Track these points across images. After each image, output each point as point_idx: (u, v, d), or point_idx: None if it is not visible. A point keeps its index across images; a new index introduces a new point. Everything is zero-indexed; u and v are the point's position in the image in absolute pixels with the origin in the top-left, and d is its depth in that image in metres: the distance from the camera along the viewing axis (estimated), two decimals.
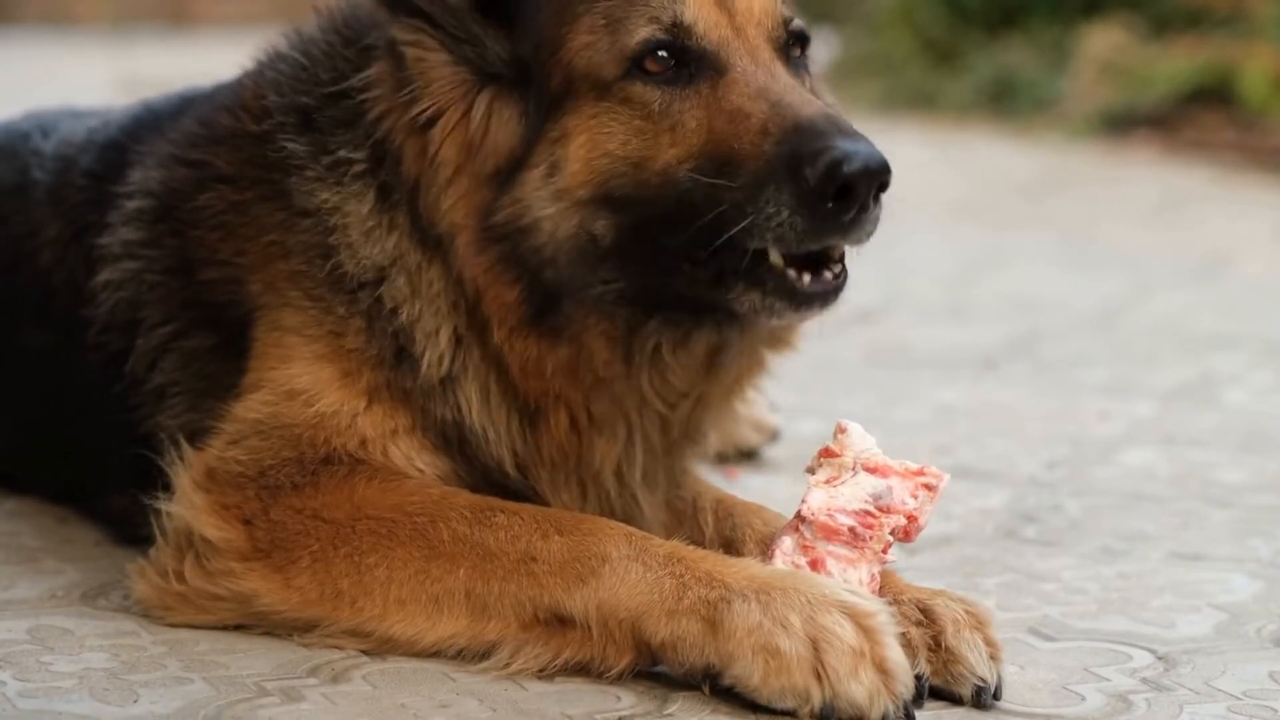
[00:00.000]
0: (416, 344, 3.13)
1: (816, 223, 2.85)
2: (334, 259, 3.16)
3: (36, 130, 3.88)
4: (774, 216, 2.86)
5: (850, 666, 2.72)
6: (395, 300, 3.14)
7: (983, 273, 7.71)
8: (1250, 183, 10.39)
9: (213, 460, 3.13)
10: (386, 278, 3.14)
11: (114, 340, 3.40)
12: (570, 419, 3.12)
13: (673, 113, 2.98)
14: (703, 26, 3.00)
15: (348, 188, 3.17)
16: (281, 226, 3.22)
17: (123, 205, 3.44)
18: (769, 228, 2.86)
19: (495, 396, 3.13)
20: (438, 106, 3.06)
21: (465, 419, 3.14)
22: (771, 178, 2.85)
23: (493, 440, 3.15)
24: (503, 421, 3.14)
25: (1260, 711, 2.93)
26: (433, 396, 3.14)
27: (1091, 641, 3.22)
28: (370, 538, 3.00)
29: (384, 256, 3.14)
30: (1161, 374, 5.69)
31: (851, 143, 2.85)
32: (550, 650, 2.90)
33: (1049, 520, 4.04)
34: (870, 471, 2.98)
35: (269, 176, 3.25)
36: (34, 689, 2.84)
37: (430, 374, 3.13)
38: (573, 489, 3.18)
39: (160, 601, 3.11)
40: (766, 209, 2.86)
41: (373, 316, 3.15)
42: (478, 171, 3.04)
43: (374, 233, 3.15)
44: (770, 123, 2.90)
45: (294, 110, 3.26)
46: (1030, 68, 12.87)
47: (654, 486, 3.25)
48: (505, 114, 3.05)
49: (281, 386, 3.16)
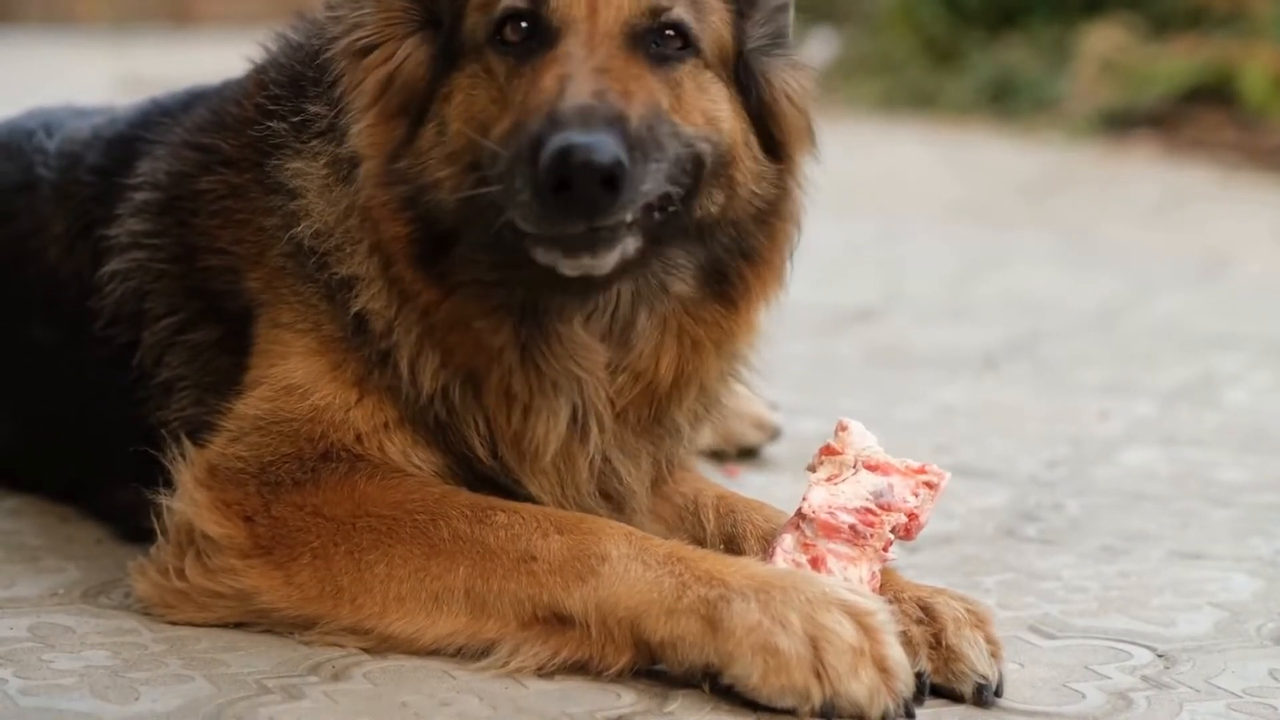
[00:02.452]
0: (357, 296, 3.15)
1: (549, 209, 2.85)
2: (291, 230, 3.19)
3: (41, 128, 3.89)
4: (518, 194, 2.87)
5: (850, 665, 2.72)
6: (338, 260, 3.17)
7: (983, 273, 7.71)
8: (1250, 183, 10.39)
9: (214, 457, 3.14)
10: (332, 238, 3.17)
11: (121, 333, 3.42)
12: (496, 395, 3.13)
13: (511, 84, 3.01)
14: (556, 2, 3.01)
15: (310, 145, 3.23)
16: (265, 210, 3.26)
17: (130, 197, 3.46)
18: (515, 204, 2.88)
19: (418, 341, 3.13)
20: (376, 36, 3.13)
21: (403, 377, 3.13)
22: (520, 158, 2.87)
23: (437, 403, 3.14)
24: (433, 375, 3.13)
25: (1260, 709, 2.93)
26: (386, 364, 3.15)
27: (1092, 639, 3.23)
28: (370, 535, 3.00)
29: (333, 213, 3.17)
30: (1161, 374, 5.70)
31: (583, 136, 2.82)
32: (549, 649, 2.90)
33: (1049, 519, 4.04)
34: (871, 469, 2.98)
35: (259, 159, 3.30)
36: (35, 687, 2.84)
37: (375, 328, 3.13)
38: (546, 474, 3.18)
39: (161, 599, 3.11)
40: (515, 185, 2.87)
41: (332, 294, 3.17)
42: (385, 107, 3.11)
43: (328, 186, 3.20)
44: (544, 105, 2.90)
45: (288, 83, 3.32)
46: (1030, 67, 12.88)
47: (637, 465, 3.23)
48: (421, 58, 3.11)
49: (280, 382, 3.17)
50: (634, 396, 3.19)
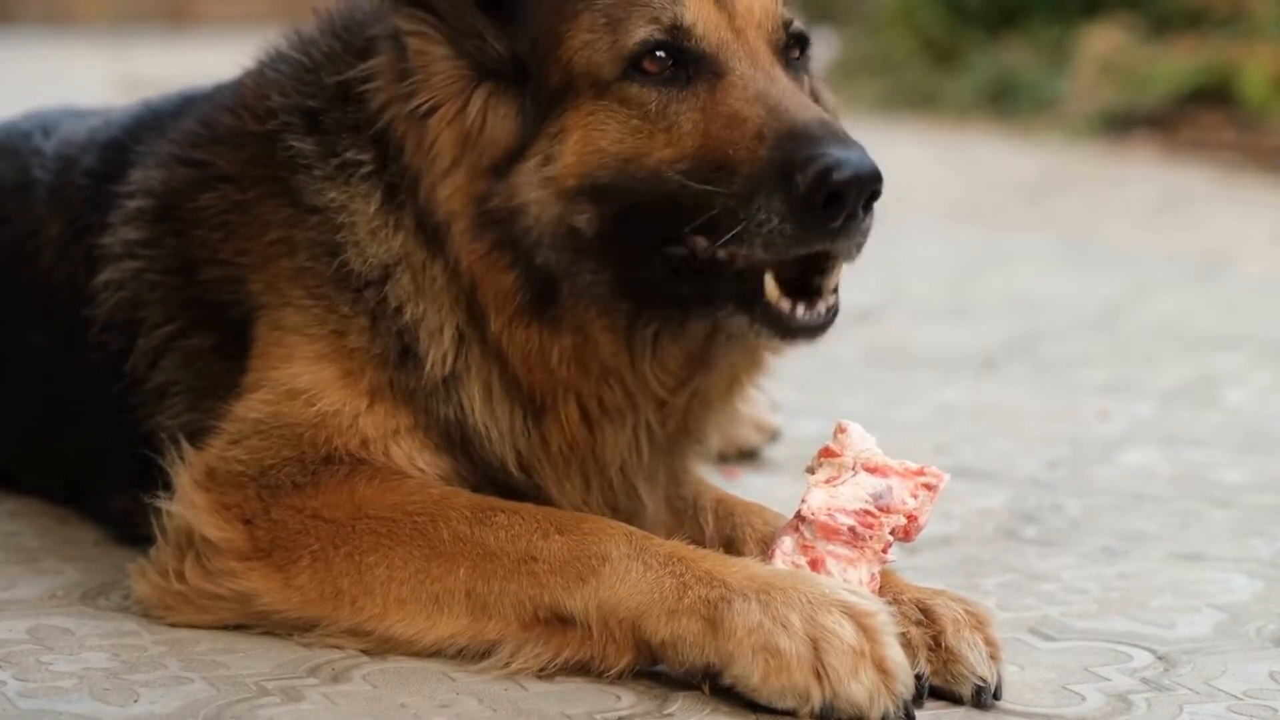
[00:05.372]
0: (420, 343, 3.13)
1: (805, 230, 2.85)
2: (341, 257, 3.16)
3: (38, 129, 3.88)
4: (765, 223, 2.86)
5: (850, 666, 2.72)
6: (400, 299, 3.14)
7: (983, 273, 7.71)
8: (1250, 183, 10.39)
9: (213, 460, 3.13)
10: (391, 276, 3.14)
11: (114, 340, 3.41)
12: (581, 410, 3.12)
13: (669, 114, 2.98)
14: (702, 28, 3.00)
15: (355, 188, 3.18)
16: (287, 223, 3.22)
17: (124, 205, 3.44)
18: (759, 234, 2.86)
19: (498, 394, 3.13)
20: (436, 99, 3.08)
21: (468, 418, 3.14)
22: (764, 183, 2.86)
23: (495, 439, 3.15)
24: (505, 419, 3.14)
25: (1260, 711, 2.93)
26: (436, 396, 3.14)
27: (1091, 641, 3.22)
28: (370, 537, 3.00)
29: (389, 255, 3.15)
30: (1161, 374, 5.69)
31: (844, 150, 2.84)
32: (550, 650, 2.90)
33: (1049, 520, 4.04)
34: (870, 471, 2.98)
35: (274, 175, 3.25)
36: (34, 689, 2.84)
37: (434, 373, 3.13)
38: (577, 484, 3.18)
39: (160, 601, 3.11)
40: (758, 215, 2.86)
41: (377, 315, 3.15)
42: (474, 164, 3.06)
43: (380, 231, 3.16)
44: (765, 128, 2.90)
45: (299, 111, 3.26)
46: (1030, 68, 12.88)
47: (655, 483, 3.26)
48: (502, 109, 3.06)
49: (282, 386, 3.16)
50: (685, 411, 3.20)
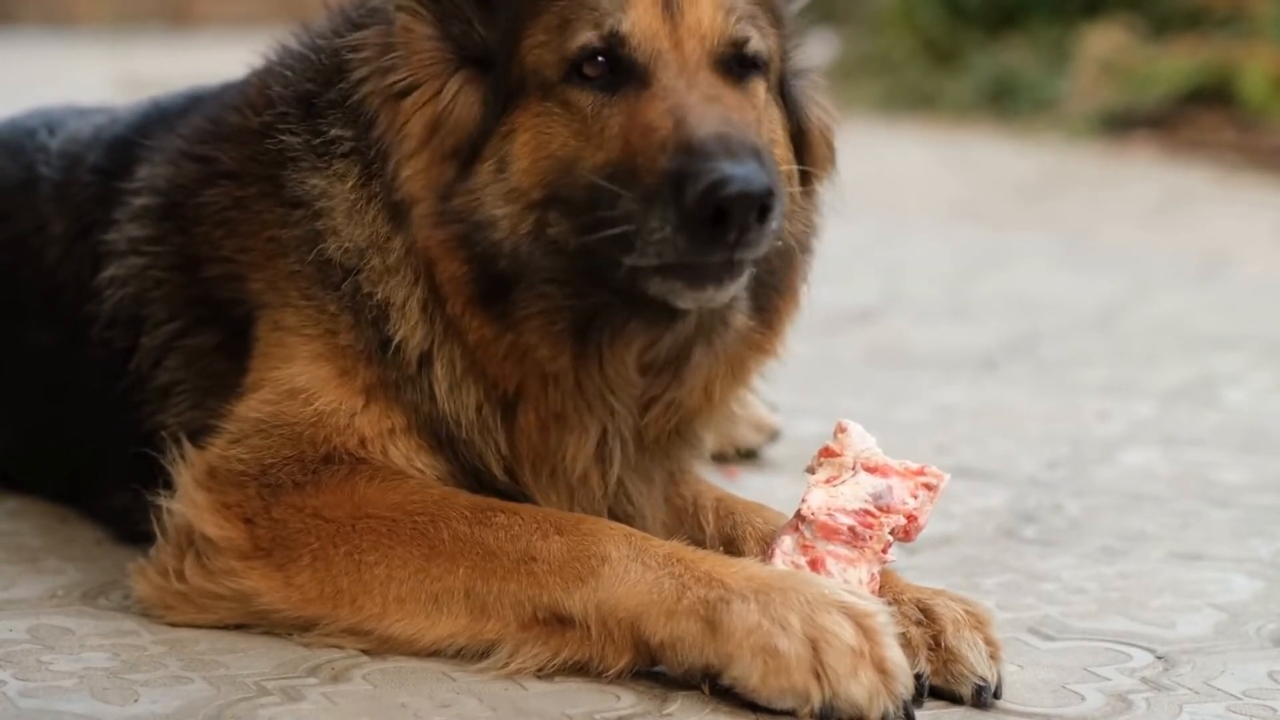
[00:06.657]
0: (392, 322, 3.14)
1: (697, 243, 2.85)
2: (319, 245, 3.18)
3: (43, 127, 3.89)
4: (657, 231, 2.85)
5: (850, 666, 2.72)
6: (372, 281, 3.15)
7: (983, 273, 7.71)
8: (1250, 183, 10.40)
9: (214, 459, 3.13)
10: (365, 260, 3.16)
11: (118, 337, 3.42)
12: (537, 414, 3.13)
13: (601, 118, 2.99)
14: (638, 38, 3.01)
15: (334, 168, 3.20)
16: (278, 222, 3.24)
17: (129, 202, 3.46)
18: (651, 242, 2.86)
19: (461, 372, 3.13)
20: (415, 78, 3.10)
21: (439, 406, 3.13)
22: (659, 194, 2.85)
23: (465, 427, 3.14)
24: (471, 406, 3.14)
25: (1260, 711, 2.93)
26: (414, 385, 3.15)
27: (1091, 641, 3.23)
28: (370, 536, 3.00)
29: (364, 236, 3.16)
30: (1161, 374, 5.70)
31: (734, 165, 2.82)
32: (549, 650, 2.90)
33: (1049, 520, 4.04)
34: (870, 471, 2.98)
35: (268, 172, 3.27)
36: (34, 688, 2.84)
37: (409, 357, 3.13)
38: (560, 491, 3.19)
39: (161, 600, 3.11)
40: (651, 223, 2.86)
41: (358, 308, 3.16)
42: (437, 149, 3.08)
43: (357, 208, 3.17)
44: (669, 139, 2.89)
45: (296, 100, 3.28)
46: (1030, 68, 12.89)
47: (651, 485, 3.26)
48: (472, 98, 3.08)
49: (282, 385, 3.17)
50: (663, 422, 3.20)
